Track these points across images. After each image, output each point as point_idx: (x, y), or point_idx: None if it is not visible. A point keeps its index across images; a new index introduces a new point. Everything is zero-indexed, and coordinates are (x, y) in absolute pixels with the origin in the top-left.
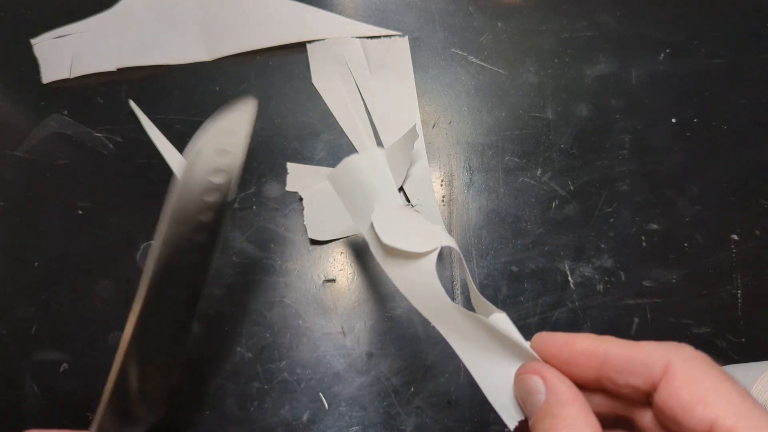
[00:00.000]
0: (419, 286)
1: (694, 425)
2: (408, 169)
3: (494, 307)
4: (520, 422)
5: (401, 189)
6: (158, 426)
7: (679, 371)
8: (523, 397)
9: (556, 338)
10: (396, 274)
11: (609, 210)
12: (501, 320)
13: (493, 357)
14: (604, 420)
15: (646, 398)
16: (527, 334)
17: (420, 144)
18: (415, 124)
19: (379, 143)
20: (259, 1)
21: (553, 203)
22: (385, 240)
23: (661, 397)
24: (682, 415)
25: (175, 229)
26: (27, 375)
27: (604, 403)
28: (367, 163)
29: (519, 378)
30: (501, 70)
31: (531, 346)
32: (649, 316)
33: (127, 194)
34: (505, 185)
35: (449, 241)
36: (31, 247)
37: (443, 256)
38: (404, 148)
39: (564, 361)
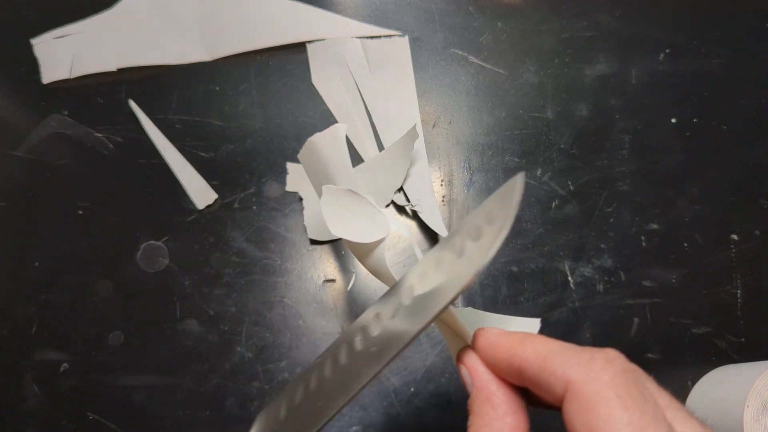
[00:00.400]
0: (378, 269)
1: None
2: (408, 169)
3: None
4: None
5: (401, 189)
6: (159, 426)
7: (577, 394)
8: (467, 383)
9: (485, 337)
10: (358, 255)
11: (609, 210)
12: (454, 309)
13: (455, 342)
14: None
15: None
16: None
17: (420, 144)
18: (415, 124)
19: (379, 143)
20: (259, 1)
21: (553, 203)
22: (332, 230)
23: (565, 417)
24: None
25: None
26: (27, 375)
27: None
28: (327, 141)
29: (457, 363)
30: (501, 70)
31: (472, 341)
32: (649, 316)
33: (127, 194)
34: None
35: (399, 228)
36: (31, 247)
37: None
38: (404, 148)
39: (490, 365)
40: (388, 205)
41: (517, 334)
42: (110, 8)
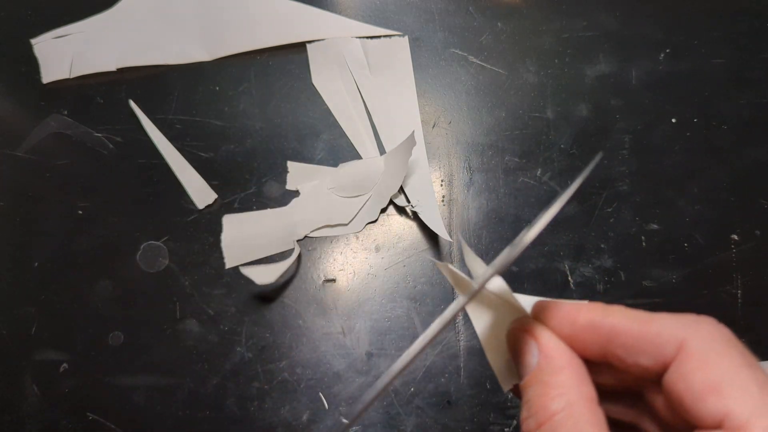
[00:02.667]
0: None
1: (703, 416)
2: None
3: (497, 277)
4: (515, 385)
5: (401, 190)
6: (159, 426)
7: (694, 352)
8: (514, 356)
9: (558, 309)
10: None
11: (609, 210)
12: (497, 281)
13: (494, 317)
14: (611, 391)
15: (657, 377)
16: None
17: (420, 144)
18: (414, 131)
19: (379, 143)
20: (259, 1)
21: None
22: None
23: (671, 379)
24: (692, 404)
25: None
26: (27, 375)
27: (610, 375)
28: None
29: (510, 334)
30: (501, 70)
31: (537, 313)
32: None
33: (127, 194)
34: (505, 185)
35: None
36: (31, 247)
37: (443, 254)
38: (402, 154)
39: (566, 336)
40: (387, 206)
41: (595, 305)
42: (110, 8)
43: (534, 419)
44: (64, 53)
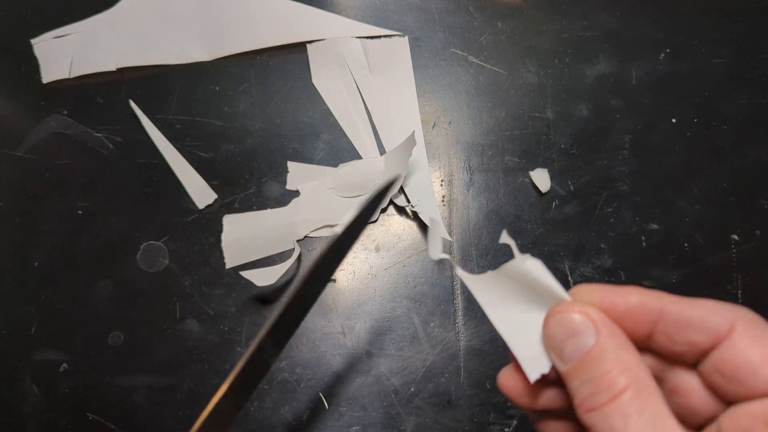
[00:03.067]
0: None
1: (759, 385)
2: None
3: (530, 256)
4: (542, 375)
5: (402, 190)
6: (159, 426)
7: (747, 330)
8: (562, 339)
9: (604, 290)
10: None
11: (609, 210)
12: (536, 267)
13: (520, 305)
14: None
15: (696, 358)
16: None
17: (420, 144)
18: (414, 131)
19: (379, 143)
20: (259, 1)
21: (553, 203)
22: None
23: (725, 354)
24: (747, 375)
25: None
26: (27, 375)
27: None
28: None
29: (559, 317)
30: (501, 70)
31: (579, 294)
32: None
33: (127, 194)
34: (505, 185)
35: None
36: (31, 247)
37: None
38: (402, 155)
39: (617, 315)
40: (387, 206)
41: (639, 288)
42: (110, 8)
43: (601, 396)
44: (64, 53)
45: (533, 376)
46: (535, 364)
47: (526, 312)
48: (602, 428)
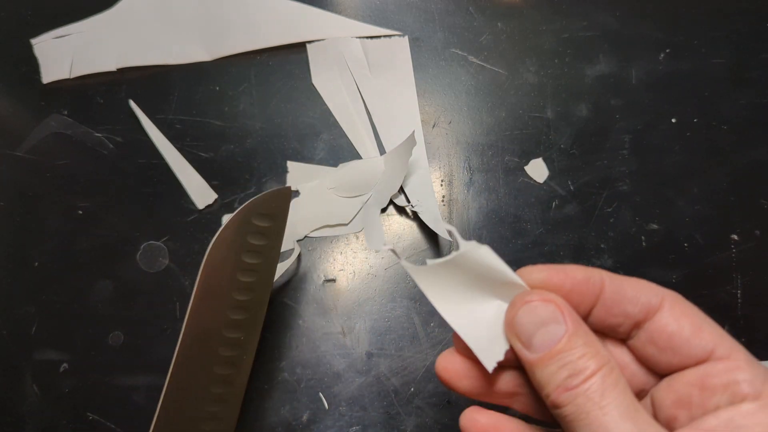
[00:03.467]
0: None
1: (694, 352)
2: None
3: (476, 243)
4: (498, 362)
5: (401, 190)
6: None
7: (676, 305)
8: (531, 329)
9: (551, 269)
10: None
11: (609, 210)
12: (487, 254)
13: (470, 293)
14: None
15: (629, 331)
16: None
17: (420, 144)
18: (414, 131)
19: (379, 143)
20: (259, 1)
21: (553, 203)
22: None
23: (658, 325)
24: (680, 343)
25: (206, 305)
26: (27, 375)
27: None
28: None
29: (526, 308)
30: (501, 70)
31: (529, 274)
32: None
33: (127, 194)
34: (505, 185)
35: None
36: (31, 247)
37: (443, 254)
38: (402, 155)
39: (565, 292)
40: (387, 206)
41: (583, 267)
42: (110, 8)
43: (576, 378)
44: (64, 53)
45: (490, 364)
46: (490, 352)
47: (477, 300)
48: (578, 405)
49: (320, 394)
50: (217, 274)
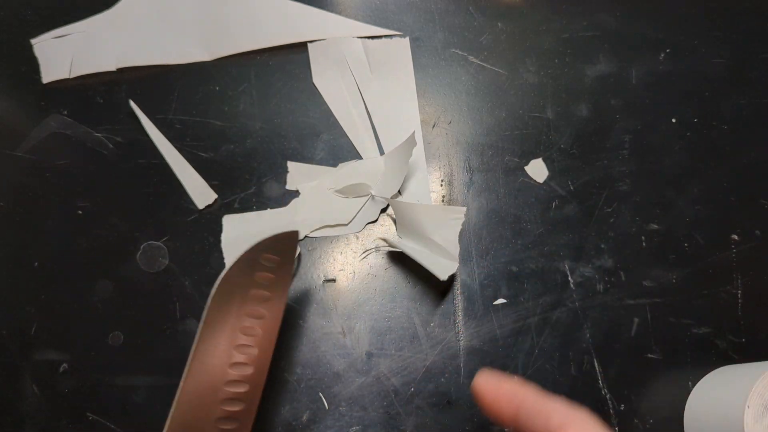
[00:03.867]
0: None
1: None
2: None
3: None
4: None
5: (400, 192)
6: (159, 426)
7: (576, 426)
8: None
9: (492, 378)
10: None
11: (609, 210)
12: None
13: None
14: None
15: None
16: (527, 334)
17: (419, 145)
18: (414, 132)
19: (379, 143)
20: (259, 1)
21: (553, 203)
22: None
23: None
24: None
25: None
26: (27, 375)
27: None
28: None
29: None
30: (501, 70)
31: (474, 381)
32: (649, 316)
33: (127, 194)
34: (505, 185)
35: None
36: (31, 247)
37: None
38: (402, 155)
39: (494, 398)
40: (387, 206)
41: (517, 381)
42: (110, 8)
43: None
44: (64, 53)
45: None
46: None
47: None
48: None
49: (320, 394)
50: (221, 318)
